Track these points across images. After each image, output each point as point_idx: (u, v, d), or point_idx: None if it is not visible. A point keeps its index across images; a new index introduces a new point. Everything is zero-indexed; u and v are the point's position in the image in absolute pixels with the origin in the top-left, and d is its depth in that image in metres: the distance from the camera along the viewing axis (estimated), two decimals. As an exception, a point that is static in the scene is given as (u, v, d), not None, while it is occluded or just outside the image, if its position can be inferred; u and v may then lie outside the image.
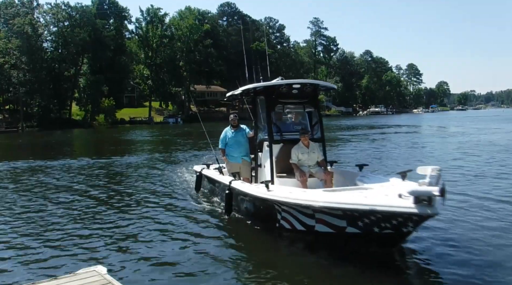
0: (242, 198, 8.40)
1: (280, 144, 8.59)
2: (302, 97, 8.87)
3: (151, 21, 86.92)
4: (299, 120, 9.25)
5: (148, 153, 25.35)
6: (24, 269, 6.28)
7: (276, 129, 8.68)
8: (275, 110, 8.83)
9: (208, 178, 10.72)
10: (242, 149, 9.67)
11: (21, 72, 67.63)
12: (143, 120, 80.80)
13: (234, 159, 9.70)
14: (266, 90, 8.69)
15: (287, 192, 6.97)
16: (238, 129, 9.79)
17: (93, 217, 9.43)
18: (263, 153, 8.89)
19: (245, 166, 9.70)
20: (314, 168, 8.41)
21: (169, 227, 8.45)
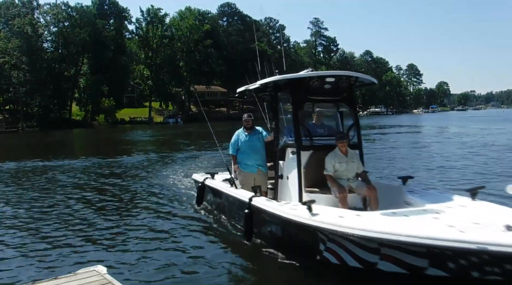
0: (268, 220, 6.62)
1: (310, 150, 7.02)
2: (336, 94, 7.32)
3: (151, 22, 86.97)
4: (321, 122, 7.68)
5: (148, 153, 25.35)
6: (24, 268, 6.28)
7: (305, 133, 7.12)
8: (303, 109, 7.31)
9: (214, 190, 8.94)
10: (258, 155, 8.00)
11: (21, 72, 67.65)
12: (143, 121, 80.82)
13: (248, 167, 8.01)
14: (292, 85, 7.10)
15: (336, 216, 5.35)
16: (253, 132, 8.12)
17: (93, 217, 9.43)
18: (286, 162, 7.24)
19: (261, 176, 8.00)
20: (354, 182, 6.81)
21: (169, 228, 8.45)
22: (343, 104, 7.60)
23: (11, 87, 69.75)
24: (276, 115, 7.56)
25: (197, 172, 11.49)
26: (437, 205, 5.80)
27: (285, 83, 7.20)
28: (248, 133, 8.13)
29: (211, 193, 9.18)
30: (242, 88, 8.42)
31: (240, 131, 8.26)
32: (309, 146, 7.08)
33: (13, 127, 64.08)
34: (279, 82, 7.24)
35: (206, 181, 9.26)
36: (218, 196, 8.82)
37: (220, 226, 8.25)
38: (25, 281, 5.27)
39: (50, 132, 55.15)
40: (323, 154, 6.85)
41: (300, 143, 6.90)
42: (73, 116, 77.06)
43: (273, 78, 7.23)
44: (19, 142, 41.79)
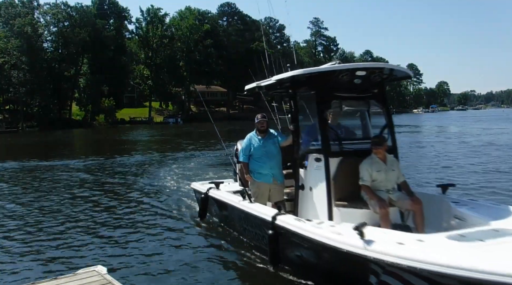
0: (299, 244, 5.44)
1: (339, 157, 5.92)
2: (366, 90, 6.24)
3: (151, 21, 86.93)
4: (337, 123, 6.58)
5: (148, 153, 25.35)
6: (24, 269, 6.28)
7: (334, 136, 6.06)
8: (330, 108, 6.21)
9: (222, 204, 7.78)
10: (274, 163, 6.89)
11: (21, 72, 67.64)
12: (143, 121, 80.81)
13: (262, 177, 6.86)
14: (316, 80, 6.01)
15: (394, 242, 4.24)
16: (268, 136, 6.99)
17: (93, 217, 9.43)
18: (308, 170, 6.20)
19: (277, 187, 6.92)
20: (394, 193, 5.78)
21: (170, 228, 8.44)
22: (373, 102, 6.41)
23: (11, 87, 69.74)
24: (295, 117, 6.49)
25: (196, 180, 10.87)
26: (501, 222, 4.81)
27: (308, 78, 6.08)
28: (262, 137, 6.94)
29: (217, 206, 8.02)
30: (251, 85, 7.27)
31: (252, 135, 7.06)
32: (339, 152, 5.97)
33: (13, 127, 64.05)
34: (299, 78, 6.09)
35: (210, 191, 8.17)
36: (227, 210, 7.60)
37: (230, 242, 7.20)
38: (25, 281, 5.26)
39: (50, 133, 55.15)
40: (354, 161, 5.82)
41: (328, 148, 5.86)
42: (73, 116, 77.04)
43: (293, 73, 6.07)
44: (19, 142, 41.78)
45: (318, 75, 5.96)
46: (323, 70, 5.93)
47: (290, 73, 6.17)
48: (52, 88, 73.04)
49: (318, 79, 6.01)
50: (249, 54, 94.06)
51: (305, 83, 6.26)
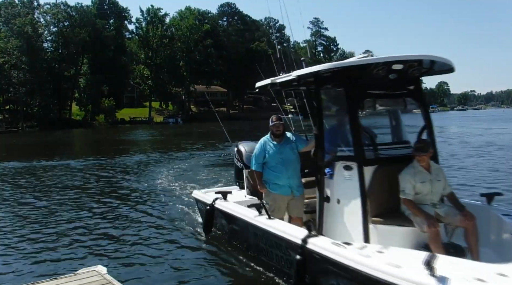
0: (338, 274, 4.47)
1: (374, 165, 5.07)
2: (402, 87, 5.46)
3: (151, 21, 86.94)
4: None
5: (148, 153, 25.34)
6: (24, 269, 6.28)
7: (368, 141, 5.23)
8: (363, 108, 5.37)
9: (232, 218, 6.69)
10: (292, 172, 5.98)
11: (21, 72, 67.68)
12: (143, 121, 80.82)
13: (278, 188, 5.97)
14: (346, 74, 5.15)
15: (473, 280, 3.52)
16: (284, 141, 6.07)
17: (93, 217, 9.43)
18: (335, 180, 5.35)
19: (296, 200, 6.02)
20: (442, 207, 4.96)
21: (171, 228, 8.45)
22: (410, 101, 5.59)
23: (11, 87, 69.79)
24: (318, 118, 5.61)
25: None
26: None
27: (336, 73, 5.22)
28: (278, 143, 6.02)
29: (226, 220, 6.99)
30: (264, 82, 6.48)
31: (266, 139, 6.12)
32: (374, 159, 5.10)
33: (13, 127, 64.05)
34: (325, 72, 5.30)
35: (217, 203, 7.10)
36: (238, 226, 6.60)
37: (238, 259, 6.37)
38: (25, 281, 5.26)
39: (50, 133, 55.15)
40: (391, 169, 5.04)
41: (362, 155, 5.03)
42: (73, 116, 77.05)
43: (319, 67, 5.23)
44: (19, 142, 41.78)
45: (349, 69, 5.04)
46: (356, 64, 4.99)
47: (315, 68, 5.26)
48: (52, 88, 73.07)
49: (348, 74, 5.11)
50: (249, 54, 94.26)
51: (332, 79, 5.43)
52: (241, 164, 8.10)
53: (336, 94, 5.70)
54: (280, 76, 6.17)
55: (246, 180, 7.39)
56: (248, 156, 7.93)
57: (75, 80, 78.10)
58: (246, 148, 8.23)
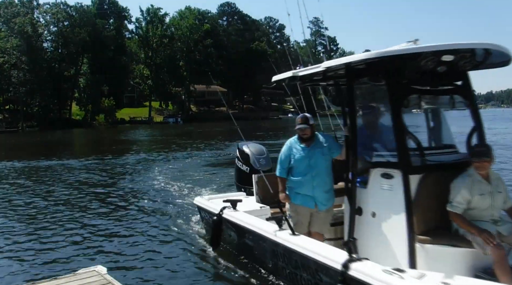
0: None
1: (421, 173, 4.30)
2: (448, 82, 4.73)
3: (151, 21, 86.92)
4: (376, 125, 5.07)
5: (148, 153, 25.35)
6: (24, 269, 6.28)
7: (415, 145, 4.47)
8: (408, 105, 4.55)
9: (245, 232, 5.81)
10: (319, 181, 5.13)
11: (21, 72, 67.65)
12: (143, 120, 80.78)
13: (301, 198, 5.18)
14: (389, 66, 4.34)
15: None
16: (314, 144, 5.21)
17: (93, 217, 9.44)
18: (369, 190, 4.62)
19: (320, 215, 5.20)
20: (504, 224, 4.18)
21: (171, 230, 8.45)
22: (459, 98, 4.85)
23: (11, 87, 69.74)
24: (351, 117, 4.83)
25: (199, 193, 9.85)
26: None
27: (375, 64, 4.38)
28: (306, 146, 5.20)
29: (237, 233, 6.09)
30: (283, 75, 5.58)
31: (293, 141, 5.34)
32: (421, 167, 4.35)
33: (13, 127, 64.00)
34: (359, 64, 4.47)
35: (226, 213, 6.19)
36: (253, 241, 5.68)
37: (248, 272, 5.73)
38: (25, 281, 5.27)
39: (50, 132, 55.13)
40: (440, 179, 4.27)
41: (408, 161, 4.26)
42: (73, 116, 77.00)
43: (355, 57, 4.40)
44: (19, 142, 41.78)
45: (394, 59, 4.16)
46: (406, 53, 4.09)
47: (350, 58, 4.49)
48: (52, 88, 72.94)
49: (392, 65, 4.30)
50: (249, 54, 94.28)
51: (369, 71, 4.65)
52: (247, 168, 7.58)
53: (374, 89, 4.98)
54: (303, 69, 5.31)
55: (256, 186, 6.63)
56: (256, 158, 7.60)
57: (75, 80, 78.07)
58: (252, 149, 7.69)
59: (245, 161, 7.70)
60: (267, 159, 7.79)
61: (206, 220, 7.17)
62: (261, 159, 7.69)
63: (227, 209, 6.25)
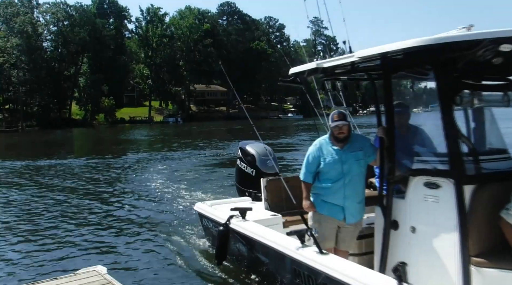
0: None
1: (475, 184, 3.61)
2: (503, 77, 4.09)
3: (151, 21, 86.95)
4: (410, 129, 4.52)
5: (148, 153, 25.35)
6: (24, 269, 6.29)
7: (468, 150, 3.86)
8: (461, 103, 3.79)
9: (258, 246, 5.10)
10: (352, 190, 4.41)
11: (21, 72, 67.66)
12: (143, 120, 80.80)
13: (330, 209, 4.44)
14: (439, 56, 3.59)
15: None
16: (350, 145, 4.44)
17: (93, 217, 9.43)
18: (408, 201, 3.92)
19: (348, 228, 4.51)
20: None
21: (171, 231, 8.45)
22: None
23: (11, 87, 69.75)
24: (388, 117, 4.12)
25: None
26: None
27: (419, 54, 3.62)
28: (340, 148, 4.41)
29: (247, 246, 5.35)
30: (305, 67, 4.74)
31: (323, 141, 4.53)
32: (477, 176, 3.76)
33: (13, 126, 64.02)
34: (399, 53, 3.70)
35: (233, 223, 5.45)
36: (267, 256, 4.98)
37: None
38: (25, 281, 5.27)
39: (50, 132, 55.13)
40: (497, 190, 3.59)
41: (462, 169, 3.59)
42: (73, 116, 77.02)
43: (399, 45, 3.56)
44: (18, 141, 41.76)
45: (447, 48, 3.40)
46: (462, 40, 3.34)
47: (395, 46, 3.62)
48: (52, 87, 72.99)
49: (444, 55, 3.52)
50: (249, 53, 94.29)
51: (410, 62, 3.91)
52: (252, 170, 7.02)
53: (417, 82, 4.31)
54: (329, 59, 4.55)
55: (264, 191, 5.95)
56: (263, 160, 7.01)
57: (75, 80, 78.09)
58: (257, 150, 7.07)
59: (249, 163, 7.11)
60: (274, 161, 6.97)
61: (209, 229, 6.48)
62: (268, 161, 7.01)
63: (234, 218, 5.51)
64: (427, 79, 4.14)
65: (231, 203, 6.35)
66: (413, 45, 3.50)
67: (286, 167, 15.08)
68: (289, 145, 27.35)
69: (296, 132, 42.14)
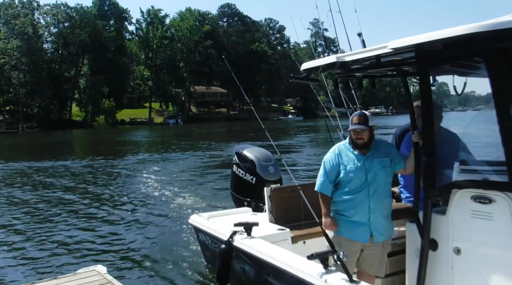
0: None
1: None
2: None
3: (152, 22, 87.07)
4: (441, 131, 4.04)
5: (149, 155, 25.36)
6: (24, 269, 6.29)
7: None
8: None
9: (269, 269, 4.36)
10: (380, 201, 3.77)
11: (21, 73, 67.71)
12: (143, 121, 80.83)
13: (352, 229, 3.79)
14: (496, 45, 2.91)
15: None
16: (373, 152, 3.82)
17: (93, 218, 9.44)
18: (451, 217, 3.37)
19: (377, 248, 3.83)
20: None
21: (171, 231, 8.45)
22: None
23: (11, 88, 69.84)
24: (426, 118, 3.44)
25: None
26: None
27: (467, 43, 3.00)
28: (363, 154, 3.78)
29: (254, 268, 4.64)
30: (320, 61, 4.00)
31: (343, 146, 3.91)
32: None
33: (13, 128, 64.01)
34: (449, 41, 3.01)
35: (237, 240, 4.76)
36: (282, 281, 4.19)
37: None
38: (25, 281, 5.26)
39: (50, 133, 55.14)
40: None
41: None
42: (73, 117, 77.06)
43: (447, 33, 2.90)
44: (19, 143, 41.78)
45: (505, 37, 2.74)
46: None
47: (438, 35, 2.94)
48: (52, 89, 73.03)
49: (499, 44, 2.90)
50: (249, 55, 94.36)
51: (454, 54, 3.29)
52: (252, 177, 6.34)
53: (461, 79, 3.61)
54: (351, 52, 3.81)
55: (268, 202, 5.26)
56: (263, 166, 6.35)
57: (75, 81, 78.12)
58: (256, 154, 6.44)
59: (248, 169, 6.40)
60: (276, 167, 6.50)
61: (207, 245, 5.66)
62: (270, 167, 6.44)
63: (238, 234, 4.78)
64: (474, 74, 3.57)
65: (230, 215, 5.76)
66: (475, 31, 2.74)
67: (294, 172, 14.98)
68: (290, 147, 27.37)
69: (297, 134, 42.18)
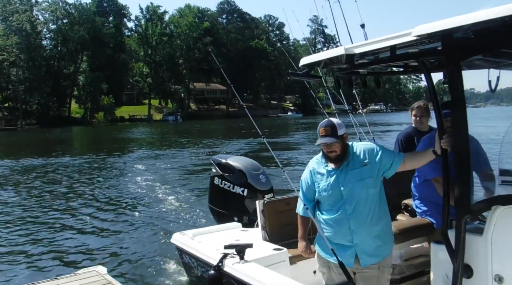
0: None
1: None
2: None
3: (151, 19, 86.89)
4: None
5: (148, 152, 25.34)
6: (24, 269, 6.29)
7: None
8: None
9: None
10: (362, 218, 3.13)
11: (20, 70, 67.59)
12: (143, 118, 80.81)
13: (337, 250, 3.17)
14: None
15: None
16: (348, 163, 3.18)
17: (93, 218, 9.43)
18: (491, 239, 2.70)
19: (368, 273, 3.18)
20: None
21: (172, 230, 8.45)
22: None
23: (10, 85, 69.71)
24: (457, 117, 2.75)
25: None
26: None
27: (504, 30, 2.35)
28: (337, 167, 3.21)
29: None
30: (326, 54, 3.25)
31: (315, 162, 3.37)
32: None
33: (12, 125, 63.95)
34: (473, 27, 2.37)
35: (228, 265, 3.97)
36: None
37: None
38: (25, 281, 5.26)
39: (49, 130, 55.08)
40: None
41: None
42: (72, 114, 77.00)
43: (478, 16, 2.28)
44: (18, 140, 41.73)
45: None
46: None
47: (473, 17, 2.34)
48: (51, 85, 72.95)
49: None
50: (248, 51, 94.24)
51: (488, 43, 2.67)
52: (243, 189, 5.69)
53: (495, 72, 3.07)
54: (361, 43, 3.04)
55: (261, 217, 4.59)
56: (254, 175, 5.74)
57: (74, 78, 78.00)
58: (243, 163, 5.78)
59: (237, 181, 5.72)
60: (266, 175, 5.97)
61: (192, 268, 4.89)
62: (261, 176, 5.86)
63: (229, 258, 4.03)
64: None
65: (218, 232, 5.10)
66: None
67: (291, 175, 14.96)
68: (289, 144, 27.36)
69: (296, 131, 42.16)
